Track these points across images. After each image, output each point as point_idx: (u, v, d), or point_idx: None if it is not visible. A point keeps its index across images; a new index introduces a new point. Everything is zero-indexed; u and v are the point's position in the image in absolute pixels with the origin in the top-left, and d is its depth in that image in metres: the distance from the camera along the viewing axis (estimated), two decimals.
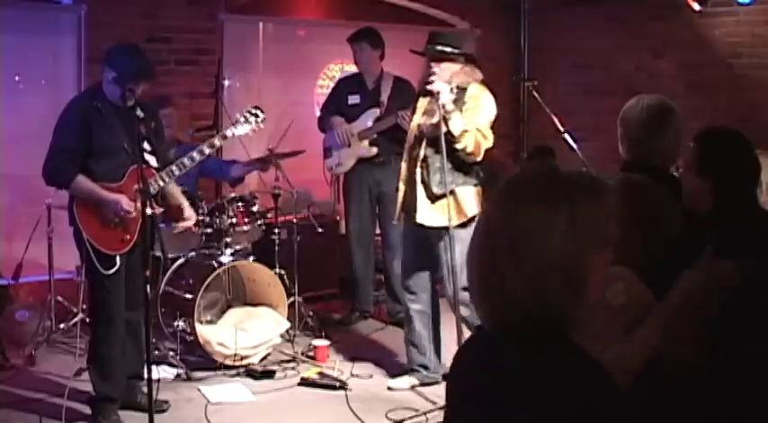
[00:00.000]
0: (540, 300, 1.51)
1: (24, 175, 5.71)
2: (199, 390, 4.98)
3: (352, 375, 5.17)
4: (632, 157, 2.98)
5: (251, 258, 5.62)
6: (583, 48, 8.03)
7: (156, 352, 5.13)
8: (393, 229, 5.72)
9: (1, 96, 6.00)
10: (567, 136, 6.51)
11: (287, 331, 5.58)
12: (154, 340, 4.99)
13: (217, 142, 4.77)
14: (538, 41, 8.40)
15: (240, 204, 5.64)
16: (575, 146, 6.46)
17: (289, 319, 5.63)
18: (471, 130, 4.65)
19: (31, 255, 5.67)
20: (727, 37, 7.09)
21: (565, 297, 1.52)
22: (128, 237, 4.43)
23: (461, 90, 4.72)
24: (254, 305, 5.70)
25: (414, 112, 4.96)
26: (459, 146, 4.62)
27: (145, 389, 4.18)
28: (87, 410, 4.53)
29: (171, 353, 5.30)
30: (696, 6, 6.71)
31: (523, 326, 1.54)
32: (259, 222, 5.74)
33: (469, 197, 4.77)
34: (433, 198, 4.74)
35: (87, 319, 5.00)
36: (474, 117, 4.69)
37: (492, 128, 4.80)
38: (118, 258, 4.39)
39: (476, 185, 4.82)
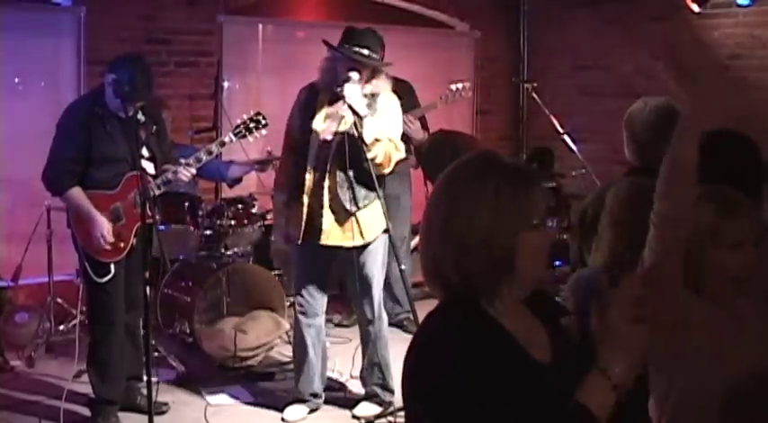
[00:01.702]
0: (463, 273, 1.62)
1: (24, 178, 5.69)
2: (198, 392, 4.97)
3: (351, 377, 5.16)
4: (640, 161, 2.93)
5: (250, 260, 5.61)
6: (582, 49, 8.03)
7: (156, 354, 5.12)
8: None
9: (0, 98, 5.99)
10: (566, 137, 6.53)
11: (286, 333, 5.57)
12: (153, 342, 4.98)
13: (214, 149, 4.60)
14: (537, 42, 8.40)
15: (239, 206, 5.64)
16: (574, 147, 6.48)
17: (288, 320, 5.62)
18: (383, 139, 4.28)
19: (31, 257, 5.65)
20: (726, 38, 7.09)
21: (488, 272, 1.61)
22: (122, 245, 4.40)
23: (373, 96, 4.38)
24: (254, 307, 5.69)
25: (313, 117, 4.44)
26: (369, 155, 4.22)
27: (144, 391, 4.18)
28: (86, 413, 4.53)
29: (170, 355, 5.29)
30: (695, 7, 6.71)
31: (446, 296, 1.67)
32: (258, 224, 5.73)
33: (378, 215, 4.40)
34: (345, 216, 4.39)
35: (87, 321, 4.98)
36: (386, 127, 4.35)
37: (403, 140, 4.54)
38: (112, 266, 4.37)
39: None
